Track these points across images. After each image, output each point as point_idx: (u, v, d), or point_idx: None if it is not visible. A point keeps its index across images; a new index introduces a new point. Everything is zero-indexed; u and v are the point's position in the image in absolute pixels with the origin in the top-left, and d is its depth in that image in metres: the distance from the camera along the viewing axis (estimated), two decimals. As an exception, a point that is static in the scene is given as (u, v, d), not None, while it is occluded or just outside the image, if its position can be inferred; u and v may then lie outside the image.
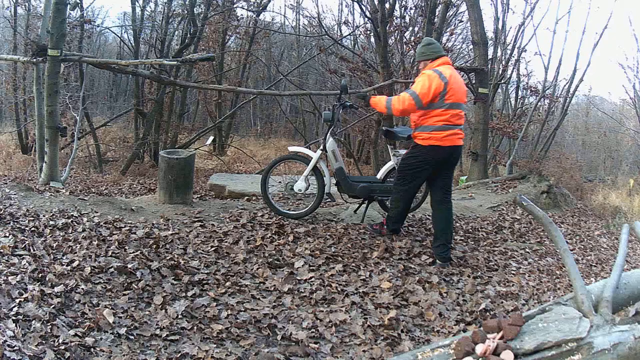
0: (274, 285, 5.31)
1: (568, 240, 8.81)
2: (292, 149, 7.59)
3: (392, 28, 15.00)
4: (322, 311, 4.88)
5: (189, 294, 4.82)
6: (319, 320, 4.73)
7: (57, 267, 4.71)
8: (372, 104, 6.77)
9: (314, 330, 4.56)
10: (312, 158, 7.28)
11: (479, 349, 2.22)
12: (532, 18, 25.22)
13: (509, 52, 19.91)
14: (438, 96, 6.22)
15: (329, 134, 7.24)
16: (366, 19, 15.09)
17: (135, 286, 4.72)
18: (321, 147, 7.26)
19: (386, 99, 6.55)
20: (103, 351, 3.75)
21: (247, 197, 9.05)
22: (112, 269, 4.88)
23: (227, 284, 5.17)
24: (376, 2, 13.54)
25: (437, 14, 14.14)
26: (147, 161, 18.54)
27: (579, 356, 2.19)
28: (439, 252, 6.44)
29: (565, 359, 2.19)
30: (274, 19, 27.78)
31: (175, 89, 18.48)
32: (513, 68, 20.26)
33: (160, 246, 5.74)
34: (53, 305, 4.05)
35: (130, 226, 6.24)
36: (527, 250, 7.77)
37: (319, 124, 24.59)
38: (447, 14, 16.46)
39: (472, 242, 7.54)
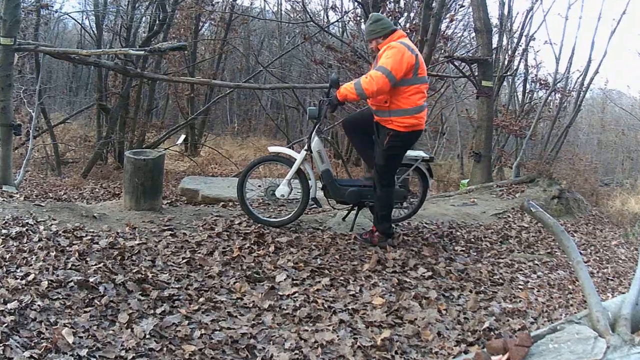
0: (253, 301, 5.32)
1: (582, 251, 8.86)
2: (272, 149, 7.56)
3: (385, 14, 15.03)
4: (307, 330, 4.89)
5: (158, 311, 4.82)
6: (303, 341, 4.74)
7: (10, 281, 4.69)
8: (342, 97, 6.66)
9: (297, 351, 4.56)
10: (295, 160, 7.25)
11: (482, 371, 2.24)
12: (542, 3, 25.23)
13: (515, 40, 19.98)
14: (411, 70, 6.35)
15: (314, 133, 7.21)
16: (356, 3, 15.08)
17: (98, 302, 4.71)
18: (305, 147, 7.23)
19: (354, 84, 6.51)
20: (61, 375, 3.75)
21: (222, 203, 9.02)
22: (71, 283, 4.87)
23: (201, 299, 5.17)
24: (367, -15, 13.55)
25: (435, -2, 14.18)
26: (111, 162, 18.47)
27: (594, 381, 2.20)
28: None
29: (578, 384, 2.20)
30: (252, 3, 27.83)
31: (142, 82, 18.43)
32: (520, 58, 20.32)
33: (126, 258, 5.73)
34: (6, 324, 4.03)
35: (92, 235, 6.22)
36: (536, 262, 7.80)
37: (303, 121, 24.60)
38: (447, -2, 16.56)
39: (475, 253, 7.56)
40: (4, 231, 5.93)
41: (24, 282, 4.75)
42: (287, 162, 7.39)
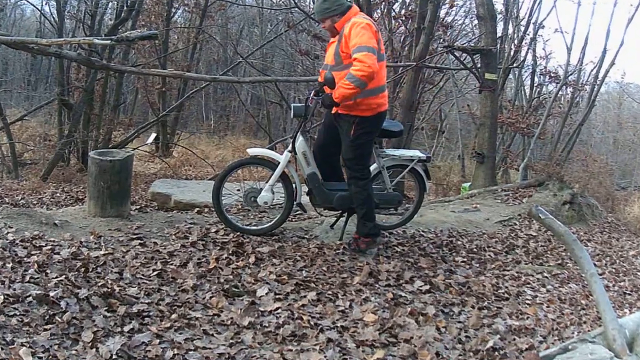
0: (232, 318, 5.31)
1: (596, 262, 8.89)
2: (252, 151, 7.54)
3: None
4: (291, 350, 4.89)
5: (126, 328, 4.81)
6: (287, 362, 4.74)
7: (-40, 296, 4.68)
8: (340, 98, 6.60)
9: (281, 373, 4.57)
10: (278, 162, 7.24)
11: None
12: (552, -13, 25.34)
13: (522, 28, 20.07)
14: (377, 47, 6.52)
15: (299, 132, 7.22)
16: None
17: (59, 319, 4.70)
18: (289, 149, 7.24)
19: (347, 79, 6.48)
20: (18, 401, 3.74)
21: (197, 209, 9.03)
22: (30, 298, 4.86)
23: (173, 316, 5.16)
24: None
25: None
26: (73, 164, 18.41)
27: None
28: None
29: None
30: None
31: (108, 75, 18.40)
32: (528, 49, 20.47)
33: (90, 270, 5.73)
34: (-45, 344, 4.03)
35: (52, 245, 6.21)
36: (545, 274, 7.83)
37: (287, 119, 24.60)
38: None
39: (477, 265, 7.59)
40: (-47, 241, 5.92)
41: (-24, 297, 4.74)
42: (268, 165, 7.38)
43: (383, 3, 15.48)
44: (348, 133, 6.79)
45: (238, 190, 7.69)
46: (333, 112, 6.92)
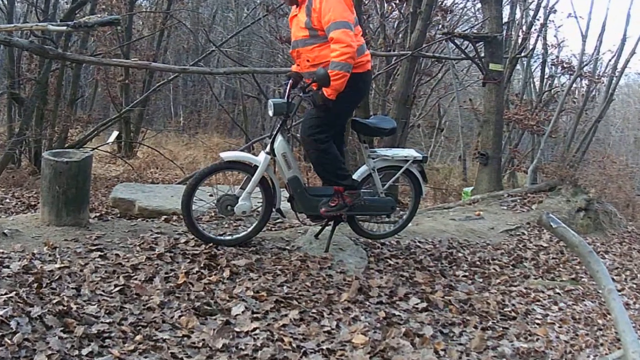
0: (203, 339, 5.32)
1: (615, 277, 8.92)
2: (226, 155, 7.38)
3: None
4: (271, 375, 4.90)
5: (84, 351, 4.80)
6: (266, 389, 4.75)
7: None
8: (335, 93, 6.72)
9: (259, 402, 4.58)
10: (256, 166, 7.18)
11: None
12: (565, -33, 25.39)
13: (531, 13, 20.13)
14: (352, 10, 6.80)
15: (279, 132, 7.18)
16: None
17: (9, 341, 4.69)
18: (267, 150, 7.18)
19: (333, 68, 6.61)
20: None
21: (165, 217, 9.00)
22: (-25, 318, 4.86)
23: (138, 337, 5.16)
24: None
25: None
26: (25, 166, 18.39)
27: None
28: None
29: None
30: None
31: (65, 66, 18.37)
32: (538, 36, 20.50)
33: (44, 285, 5.72)
34: None
35: (1, 257, 6.19)
36: (557, 290, 7.86)
37: (266, 114, 24.57)
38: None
39: (481, 280, 7.62)
40: None
41: None
42: (245, 170, 7.33)
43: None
44: (320, 97, 6.79)
45: (211, 195, 7.65)
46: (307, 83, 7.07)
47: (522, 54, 19.67)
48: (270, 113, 7.23)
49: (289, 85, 7.25)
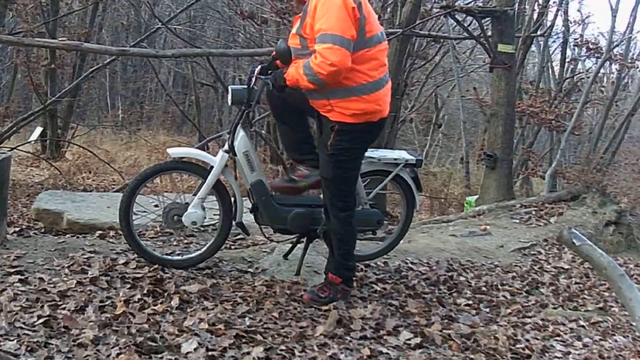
0: (148, 384, 5.33)
1: (650, 305, 8.94)
2: (174, 151, 7.41)
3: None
4: None
5: (0, 399, 4.82)
6: None
7: None
8: (292, 82, 6.54)
9: None
10: (211, 167, 7.14)
11: None
12: None
13: (550, -18, 20.22)
14: (357, 29, 6.32)
15: (239, 126, 7.13)
16: None
17: None
18: (226, 148, 7.12)
19: (303, 67, 6.38)
20: None
21: (100, 232, 8.98)
22: None
23: (67, 381, 5.17)
24: None
25: None
26: None
27: None
28: None
29: None
30: None
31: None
32: (557, 10, 20.57)
33: (-50, 318, 5.73)
34: None
35: None
36: (581, 322, 7.87)
37: (224, 107, 24.60)
38: None
39: (487, 310, 7.64)
40: None
41: None
42: (197, 172, 7.30)
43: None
44: (325, 143, 6.62)
45: (156, 206, 7.61)
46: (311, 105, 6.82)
47: (538, 33, 19.71)
48: (229, 102, 7.16)
49: (256, 71, 7.08)
